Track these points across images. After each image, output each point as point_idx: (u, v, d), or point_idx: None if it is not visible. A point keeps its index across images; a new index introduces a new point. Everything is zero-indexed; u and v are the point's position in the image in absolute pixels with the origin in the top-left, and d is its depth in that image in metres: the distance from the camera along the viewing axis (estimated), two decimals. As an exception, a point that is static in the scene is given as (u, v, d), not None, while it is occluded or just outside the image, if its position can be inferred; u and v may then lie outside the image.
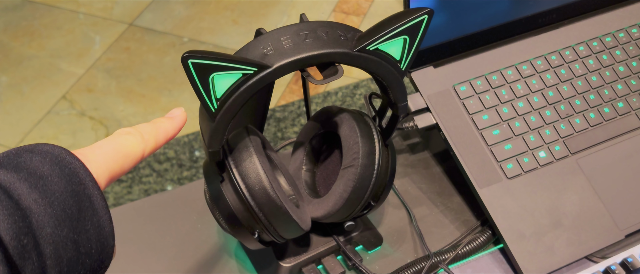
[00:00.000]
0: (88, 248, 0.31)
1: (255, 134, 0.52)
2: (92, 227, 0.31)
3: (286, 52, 0.43)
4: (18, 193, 0.28)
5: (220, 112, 0.43)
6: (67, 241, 0.29)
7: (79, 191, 0.30)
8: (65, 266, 0.29)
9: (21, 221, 0.27)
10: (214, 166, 0.49)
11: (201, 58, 0.39)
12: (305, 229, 0.52)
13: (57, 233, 0.29)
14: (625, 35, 0.72)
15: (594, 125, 0.66)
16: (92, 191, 0.31)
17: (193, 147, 1.60)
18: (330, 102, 1.67)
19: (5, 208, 0.27)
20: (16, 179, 0.29)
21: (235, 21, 2.07)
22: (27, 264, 0.27)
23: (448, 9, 0.65)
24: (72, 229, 0.30)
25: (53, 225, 0.29)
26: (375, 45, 0.44)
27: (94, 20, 2.12)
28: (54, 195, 0.29)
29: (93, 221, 0.31)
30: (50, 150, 0.31)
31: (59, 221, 0.29)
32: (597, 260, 0.60)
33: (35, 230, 0.28)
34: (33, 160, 0.30)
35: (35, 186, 0.29)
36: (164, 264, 0.63)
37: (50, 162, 0.30)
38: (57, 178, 0.30)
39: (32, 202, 0.28)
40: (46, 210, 0.29)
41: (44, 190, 0.29)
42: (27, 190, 0.29)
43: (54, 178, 0.30)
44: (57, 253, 0.29)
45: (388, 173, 0.54)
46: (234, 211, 0.49)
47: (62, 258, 0.29)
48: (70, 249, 0.29)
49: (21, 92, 1.88)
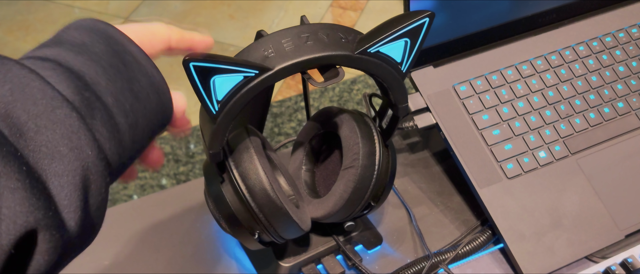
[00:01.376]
0: (146, 95, 0.34)
1: (255, 134, 0.52)
2: (142, 77, 0.34)
3: (287, 55, 0.42)
4: (66, 60, 0.31)
5: (221, 114, 0.42)
6: (123, 91, 0.32)
7: (119, 50, 0.33)
8: (130, 113, 0.32)
9: (77, 80, 0.30)
10: (215, 167, 0.49)
11: (202, 62, 0.39)
12: (306, 230, 0.52)
13: (112, 85, 0.32)
14: (625, 35, 0.72)
15: (594, 125, 0.66)
16: (131, 47, 0.34)
17: (189, 142, 1.59)
18: (327, 97, 1.67)
19: (60, 73, 0.30)
20: (61, 50, 0.31)
21: (231, 16, 2.06)
22: (96, 113, 0.30)
23: (448, 9, 0.65)
24: (125, 80, 0.32)
25: (106, 79, 0.31)
26: (376, 47, 0.44)
27: (90, 14, 2.11)
28: (98, 55, 0.32)
29: (142, 72, 0.34)
30: (83, 23, 0.34)
31: (110, 76, 0.32)
32: (597, 260, 0.61)
33: (92, 85, 0.31)
34: (71, 33, 0.33)
35: (79, 52, 0.32)
36: (163, 264, 0.63)
37: (87, 31, 0.33)
38: (97, 43, 0.33)
39: (81, 65, 0.31)
40: (96, 68, 0.31)
41: (88, 52, 0.32)
42: (73, 56, 0.31)
43: (94, 42, 0.33)
44: (118, 101, 0.31)
45: (388, 173, 0.54)
46: (234, 212, 0.49)
47: (125, 105, 0.32)
48: (129, 97, 0.32)
49: (16, 87, 1.87)
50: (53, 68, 0.30)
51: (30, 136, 0.26)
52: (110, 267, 0.63)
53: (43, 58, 0.31)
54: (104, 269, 0.62)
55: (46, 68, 0.30)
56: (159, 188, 1.45)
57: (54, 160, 0.26)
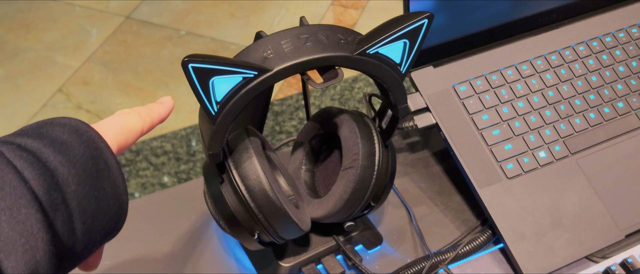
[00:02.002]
0: (107, 202, 0.35)
1: (255, 135, 0.52)
2: (108, 185, 0.35)
3: (286, 56, 0.42)
4: (45, 156, 0.32)
5: (220, 115, 0.43)
6: (89, 197, 0.33)
7: (96, 155, 0.35)
8: (89, 218, 0.34)
9: (50, 179, 0.31)
10: (214, 167, 0.49)
11: (201, 63, 0.39)
12: (305, 230, 0.52)
13: (80, 189, 0.33)
14: (625, 35, 0.72)
15: (594, 125, 0.66)
16: (107, 155, 0.36)
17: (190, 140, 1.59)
18: (328, 96, 1.67)
19: (36, 168, 0.31)
20: (42, 145, 0.33)
21: (232, 14, 2.06)
22: (58, 216, 0.31)
23: (448, 9, 0.65)
24: (92, 186, 0.34)
25: (76, 183, 0.33)
26: (376, 49, 0.44)
27: (90, 12, 2.11)
28: (76, 158, 0.33)
29: (109, 180, 0.35)
30: (67, 122, 0.36)
31: (81, 180, 0.33)
32: (597, 260, 0.61)
33: (62, 187, 0.32)
34: (54, 129, 0.35)
35: (59, 150, 0.33)
36: (163, 264, 0.63)
37: (69, 131, 0.35)
38: (76, 144, 0.34)
39: (57, 164, 0.32)
40: (70, 170, 0.33)
41: (66, 153, 0.33)
42: (52, 154, 0.33)
43: (74, 144, 0.34)
44: (81, 206, 0.33)
45: (388, 174, 0.54)
46: (233, 212, 0.49)
47: (86, 211, 0.33)
48: (92, 203, 0.34)
49: (16, 85, 1.87)
50: (30, 162, 0.31)
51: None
52: (110, 267, 0.63)
53: (23, 147, 0.32)
54: (104, 270, 0.62)
55: (23, 158, 0.31)
56: (160, 186, 1.45)
57: (10, 255, 0.28)
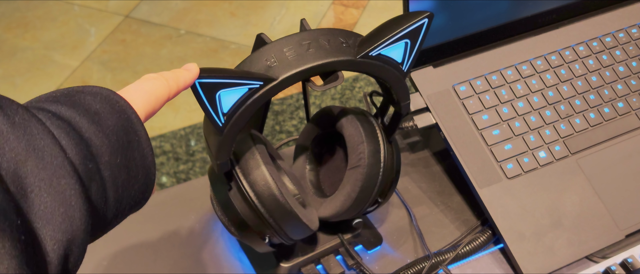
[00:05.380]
0: (136, 173, 0.36)
1: (259, 139, 0.52)
2: (138, 156, 0.36)
3: (290, 64, 0.43)
4: (79, 125, 0.33)
5: (227, 126, 0.43)
6: (120, 167, 0.34)
7: (126, 126, 0.35)
8: (120, 188, 0.34)
9: (85, 149, 0.32)
10: (223, 176, 0.49)
11: (207, 78, 0.40)
12: (314, 230, 0.53)
13: (112, 160, 0.34)
14: (625, 35, 0.72)
15: (594, 125, 0.66)
16: (137, 126, 0.36)
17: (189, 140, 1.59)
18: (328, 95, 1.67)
19: (72, 138, 0.32)
20: (76, 114, 0.33)
21: (232, 13, 2.06)
22: (92, 186, 0.32)
23: (448, 9, 0.65)
24: (124, 157, 0.35)
25: (109, 153, 0.34)
26: (378, 50, 0.44)
27: (89, 12, 2.11)
28: (109, 128, 0.34)
29: (139, 151, 0.36)
30: (98, 91, 0.36)
31: (114, 150, 0.34)
32: (597, 260, 0.61)
33: (96, 157, 0.33)
34: (86, 98, 0.35)
35: (93, 120, 0.34)
36: (163, 264, 0.63)
37: (101, 101, 0.35)
38: (109, 114, 0.35)
39: (92, 134, 0.33)
40: (103, 140, 0.34)
41: (100, 123, 0.34)
42: (86, 123, 0.33)
43: (106, 114, 0.35)
44: (114, 176, 0.34)
45: (394, 169, 0.55)
46: (244, 218, 0.50)
47: (118, 181, 0.34)
48: (123, 173, 0.35)
49: (14, 84, 1.87)
50: (66, 132, 0.32)
51: (32, 198, 0.29)
52: (109, 267, 0.63)
53: (58, 116, 0.33)
54: (104, 269, 0.62)
55: (60, 127, 0.32)
56: (159, 187, 1.46)
57: (49, 224, 0.29)
